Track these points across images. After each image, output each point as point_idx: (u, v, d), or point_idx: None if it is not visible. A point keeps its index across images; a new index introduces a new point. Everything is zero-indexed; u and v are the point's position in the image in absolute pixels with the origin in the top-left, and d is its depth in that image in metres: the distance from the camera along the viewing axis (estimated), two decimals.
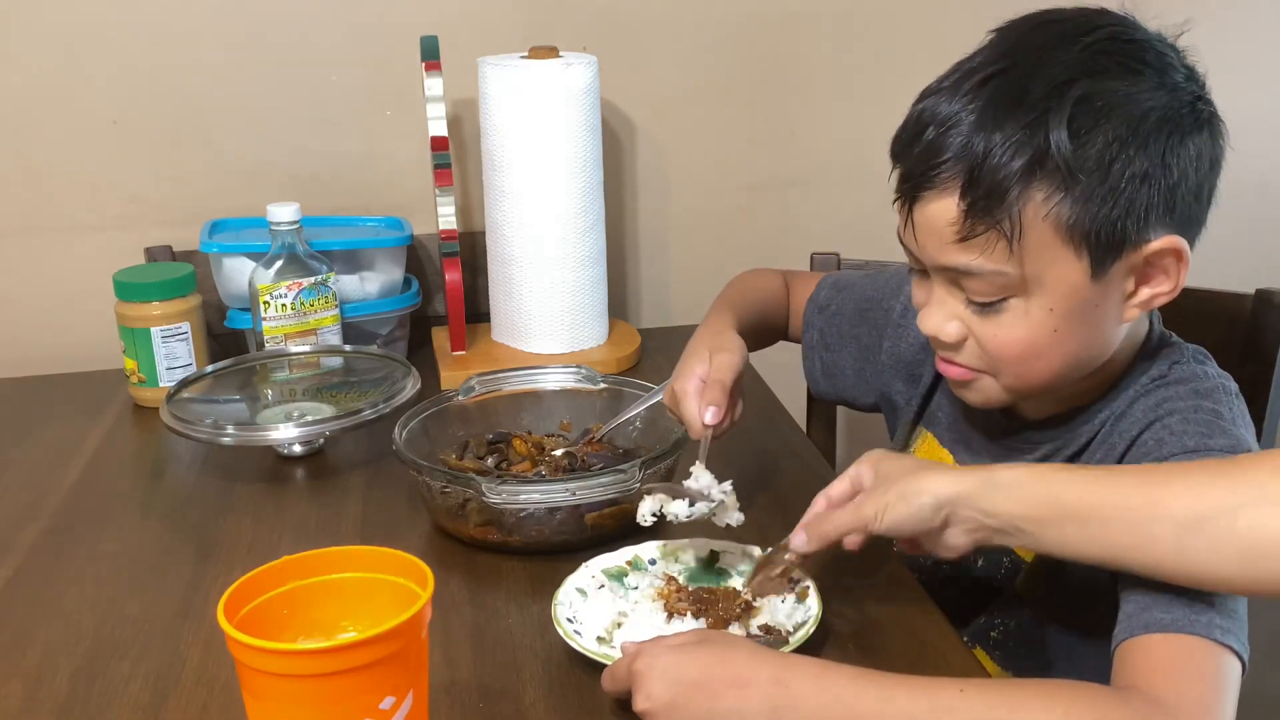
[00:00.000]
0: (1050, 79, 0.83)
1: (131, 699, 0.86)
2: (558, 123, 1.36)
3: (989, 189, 0.83)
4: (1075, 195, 0.83)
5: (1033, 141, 0.82)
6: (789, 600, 0.91)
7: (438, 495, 1.03)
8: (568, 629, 0.88)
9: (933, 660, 0.88)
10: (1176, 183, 0.85)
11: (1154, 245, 0.85)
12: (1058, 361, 0.89)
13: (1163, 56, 0.87)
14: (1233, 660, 0.74)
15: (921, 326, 0.93)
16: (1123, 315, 0.89)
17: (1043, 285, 0.86)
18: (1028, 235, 0.84)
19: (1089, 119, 0.83)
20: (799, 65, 1.61)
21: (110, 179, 1.51)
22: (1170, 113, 0.85)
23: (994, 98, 0.84)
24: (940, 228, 0.87)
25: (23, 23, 1.45)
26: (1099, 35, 0.86)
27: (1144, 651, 0.74)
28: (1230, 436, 0.86)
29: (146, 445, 1.32)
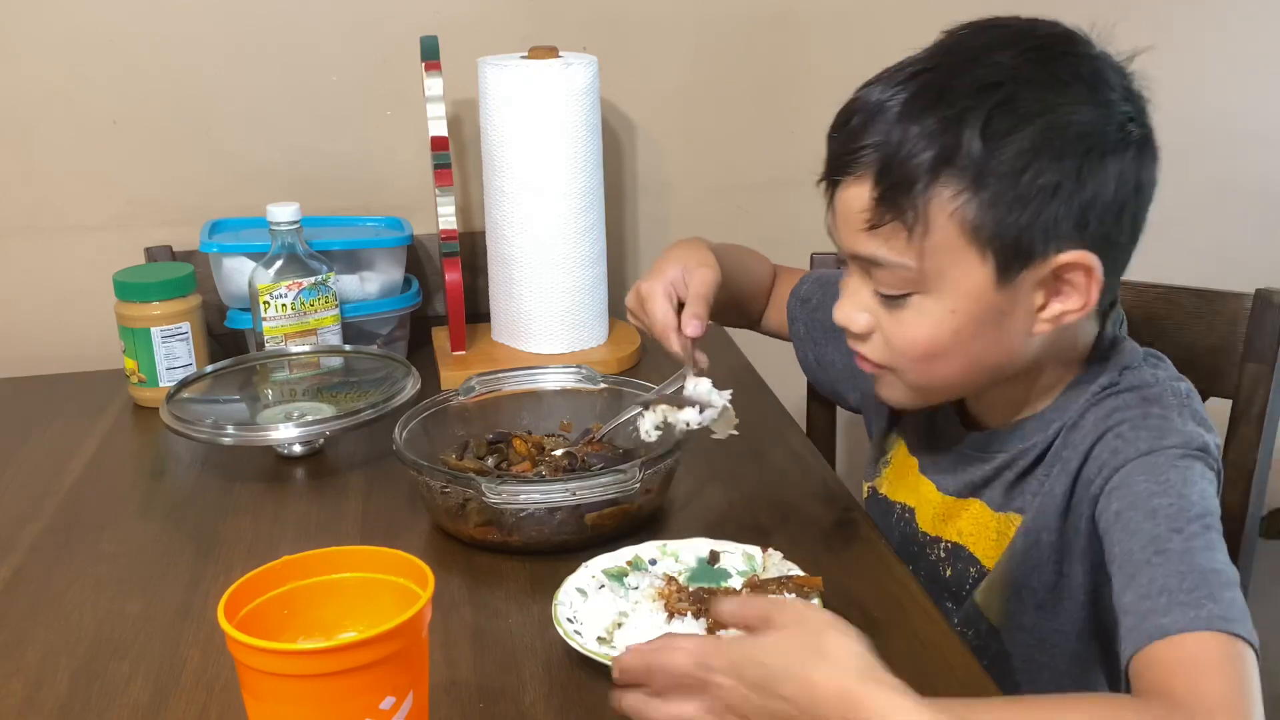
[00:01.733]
0: (976, 80, 0.84)
1: (131, 699, 0.86)
2: (558, 123, 1.36)
3: (898, 179, 0.85)
4: (983, 197, 0.84)
5: (945, 138, 0.83)
6: (790, 597, 0.91)
7: (438, 495, 1.03)
8: (568, 629, 0.88)
9: (933, 660, 0.88)
10: (1090, 199, 0.85)
11: (1062, 259, 0.85)
12: (959, 364, 0.90)
13: (1100, 74, 0.88)
14: (1243, 648, 0.74)
15: (834, 315, 0.94)
16: (1031, 329, 0.89)
17: (946, 284, 0.87)
18: (933, 231, 0.85)
19: (1006, 123, 0.83)
20: (799, 65, 1.61)
21: (110, 179, 1.51)
22: (1094, 129, 0.85)
23: (919, 91, 0.85)
24: (853, 214, 0.88)
25: (23, 23, 1.45)
26: (1036, 44, 0.87)
27: (1154, 660, 0.74)
28: (1182, 435, 0.86)
29: (146, 445, 1.32)
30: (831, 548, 0.99)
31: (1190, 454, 0.85)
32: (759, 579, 0.95)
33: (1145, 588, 0.77)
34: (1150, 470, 0.84)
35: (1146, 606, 0.76)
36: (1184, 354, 1.22)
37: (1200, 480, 0.84)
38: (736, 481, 1.15)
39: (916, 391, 0.94)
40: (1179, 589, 0.76)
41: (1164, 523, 0.80)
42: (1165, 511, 0.81)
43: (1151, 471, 0.84)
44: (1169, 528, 0.80)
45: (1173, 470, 0.84)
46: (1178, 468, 0.84)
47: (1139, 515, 0.82)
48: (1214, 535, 0.80)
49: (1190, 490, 0.82)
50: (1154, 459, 0.85)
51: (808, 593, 0.92)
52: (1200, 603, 0.75)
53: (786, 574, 0.95)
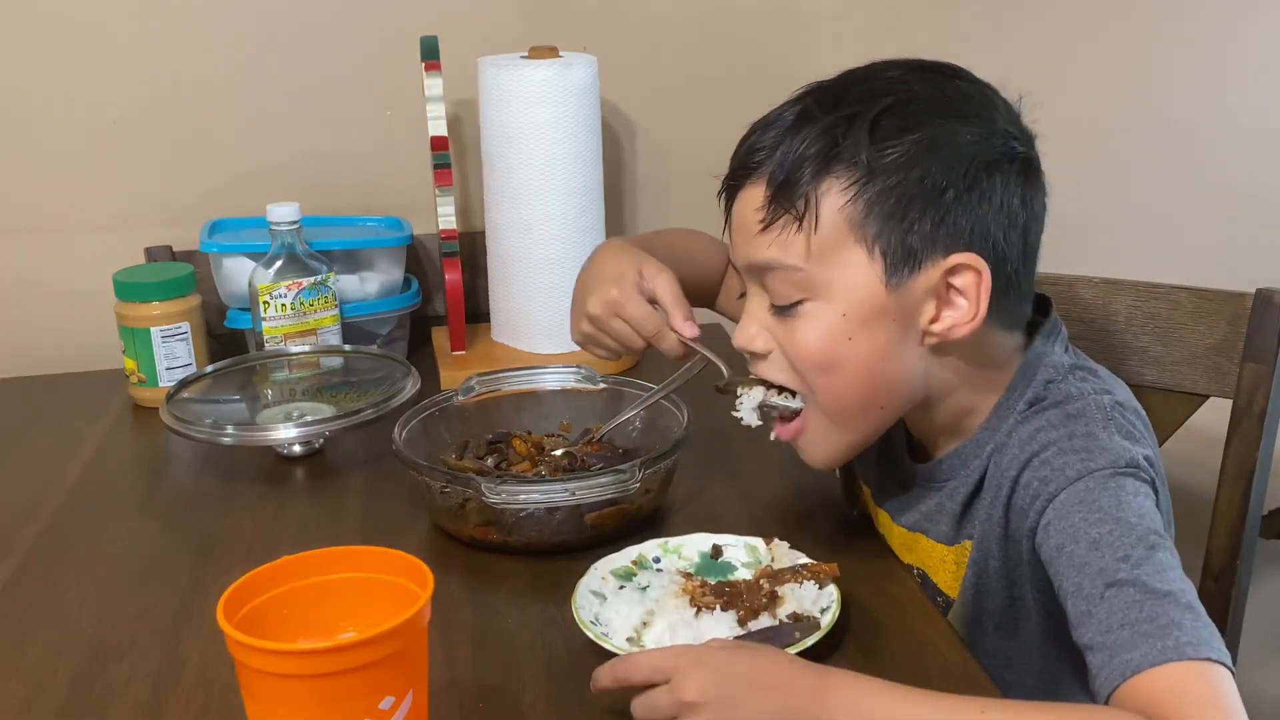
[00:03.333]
0: (867, 90, 0.87)
1: (131, 699, 0.86)
2: (557, 123, 1.36)
3: (789, 175, 0.87)
4: (870, 194, 0.85)
5: (834, 134, 0.86)
6: (809, 586, 0.91)
7: (438, 495, 1.03)
8: (596, 633, 0.88)
9: (933, 660, 0.88)
10: (977, 206, 0.86)
11: (952, 260, 0.86)
12: (858, 373, 0.89)
13: (987, 99, 0.91)
14: (1218, 670, 0.73)
15: (734, 341, 0.95)
16: (922, 340, 0.89)
17: (836, 288, 0.88)
18: (823, 227, 0.86)
19: (894, 124, 0.86)
20: (799, 65, 1.60)
21: (110, 179, 1.51)
22: (980, 142, 0.87)
23: (812, 102, 0.89)
24: (748, 218, 0.90)
25: (23, 23, 1.45)
26: (926, 67, 0.90)
27: (1132, 696, 0.73)
28: (1110, 453, 0.85)
29: (146, 445, 1.32)
30: (831, 548, 0.99)
31: (1120, 472, 0.84)
32: (772, 569, 0.95)
33: (1105, 622, 0.76)
34: (1083, 499, 0.83)
35: (1111, 641, 0.75)
36: (1184, 354, 1.22)
37: (1134, 498, 0.83)
38: (736, 481, 1.15)
39: (835, 426, 0.93)
40: (1140, 619, 0.75)
41: (1108, 552, 0.79)
42: (1107, 540, 0.80)
43: (1084, 500, 0.83)
44: (1114, 557, 0.79)
45: (1104, 494, 0.83)
46: (1109, 490, 0.83)
47: (1081, 548, 0.81)
48: (1161, 554, 0.79)
49: (1126, 512, 0.81)
50: (1083, 485, 0.84)
51: (823, 580, 0.92)
52: (1165, 631, 0.74)
53: (799, 563, 0.95)
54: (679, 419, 1.09)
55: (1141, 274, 1.28)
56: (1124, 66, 1.68)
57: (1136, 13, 1.67)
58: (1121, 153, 1.71)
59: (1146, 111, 1.70)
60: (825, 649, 0.86)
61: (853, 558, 0.97)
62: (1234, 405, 1.19)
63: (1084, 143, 1.69)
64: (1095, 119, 1.69)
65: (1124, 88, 1.68)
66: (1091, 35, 1.66)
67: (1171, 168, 1.72)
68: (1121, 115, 1.69)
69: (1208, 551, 1.22)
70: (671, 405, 1.12)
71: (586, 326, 1.05)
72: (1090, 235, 1.70)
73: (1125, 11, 1.66)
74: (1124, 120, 1.70)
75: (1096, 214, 1.71)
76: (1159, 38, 1.68)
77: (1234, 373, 1.19)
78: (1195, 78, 1.70)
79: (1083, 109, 1.68)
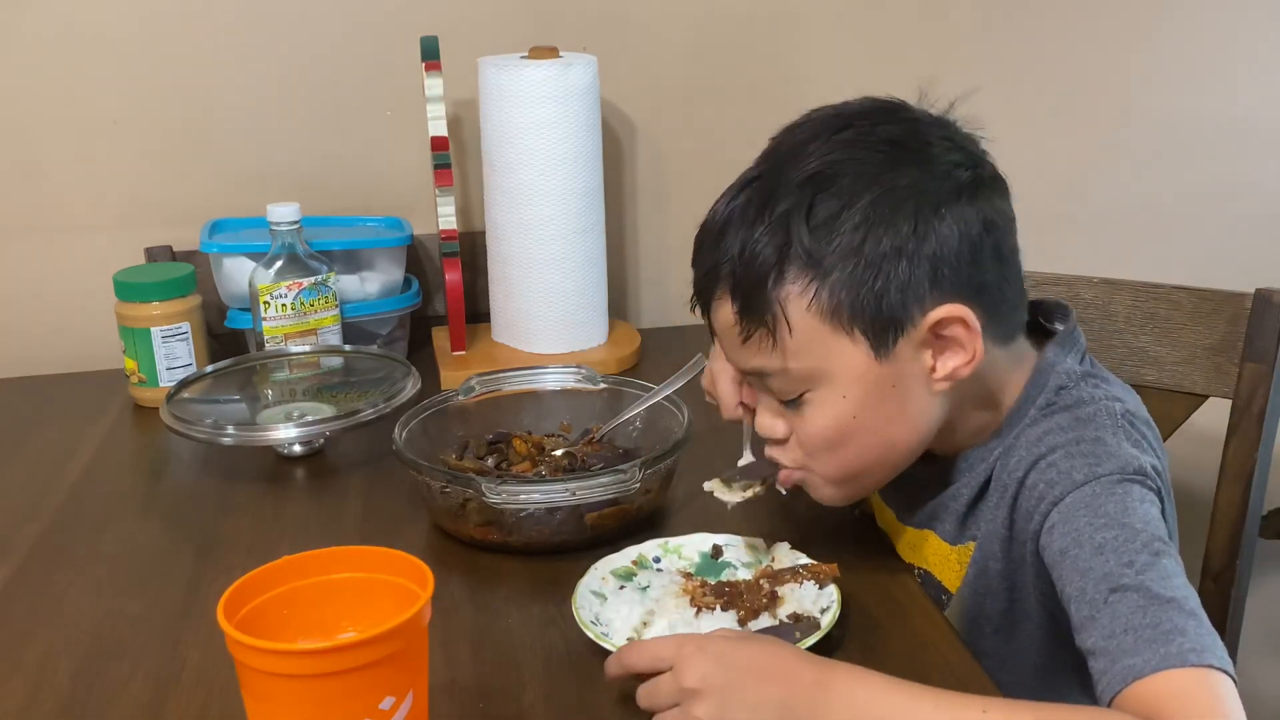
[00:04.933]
0: (796, 174, 0.86)
1: (131, 699, 0.86)
2: (557, 123, 1.36)
3: (749, 289, 0.87)
4: (831, 283, 0.85)
5: (778, 237, 0.85)
6: (809, 586, 0.92)
7: (438, 495, 1.03)
8: (597, 632, 0.88)
9: (933, 660, 0.88)
10: (938, 252, 0.85)
11: (932, 316, 0.86)
12: (870, 444, 0.90)
13: (915, 134, 0.89)
14: (1220, 677, 0.73)
15: (756, 428, 0.96)
16: (932, 389, 0.89)
17: (830, 375, 0.88)
18: (797, 330, 0.86)
19: (832, 206, 0.85)
20: (798, 65, 1.61)
21: (110, 179, 1.51)
22: (919, 186, 0.86)
23: (749, 201, 0.88)
24: (728, 333, 0.91)
25: (23, 23, 1.45)
26: (844, 125, 0.89)
27: (1134, 702, 0.73)
28: (1117, 459, 0.85)
29: (146, 445, 1.32)
30: (831, 548, 0.99)
31: (1127, 478, 0.84)
32: (773, 569, 0.95)
33: (1108, 628, 0.76)
34: (1088, 503, 0.84)
35: (1114, 647, 0.75)
36: (1184, 354, 1.23)
37: (1140, 504, 0.83)
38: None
39: (838, 485, 0.94)
40: (1143, 625, 0.75)
41: (1113, 558, 0.79)
42: (1112, 545, 0.80)
43: (1090, 505, 0.83)
44: (1119, 562, 0.79)
45: (1110, 500, 0.83)
46: (1115, 495, 0.83)
47: (1086, 552, 0.81)
48: (1165, 560, 0.79)
49: (1131, 518, 0.82)
50: (1090, 490, 0.84)
51: (823, 580, 0.92)
52: (1168, 637, 0.74)
53: (799, 563, 0.95)
54: (679, 419, 1.09)
55: (1141, 274, 1.28)
56: (1124, 66, 1.68)
57: (1136, 12, 1.67)
58: (1121, 153, 1.71)
59: (1147, 111, 1.70)
60: (825, 649, 0.86)
61: (853, 558, 0.97)
62: (1234, 405, 1.19)
63: (1084, 143, 1.69)
64: (1095, 119, 1.69)
65: (1124, 88, 1.68)
66: (1091, 35, 1.66)
67: (1171, 168, 1.72)
68: (1121, 115, 1.69)
69: (1208, 551, 1.22)
70: (671, 405, 1.12)
71: (705, 382, 1.07)
72: (1090, 235, 1.70)
73: (1125, 11, 1.66)
74: (1124, 120, 1.70)
75: (1096, 214, 1.71)
76: (1159, 37, 1.68)
77: (1234, 373, 1.19)
78: (1195, 77, 1.70)
79: (1082, 109, 1.68)
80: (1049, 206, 1.68)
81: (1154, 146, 1.71)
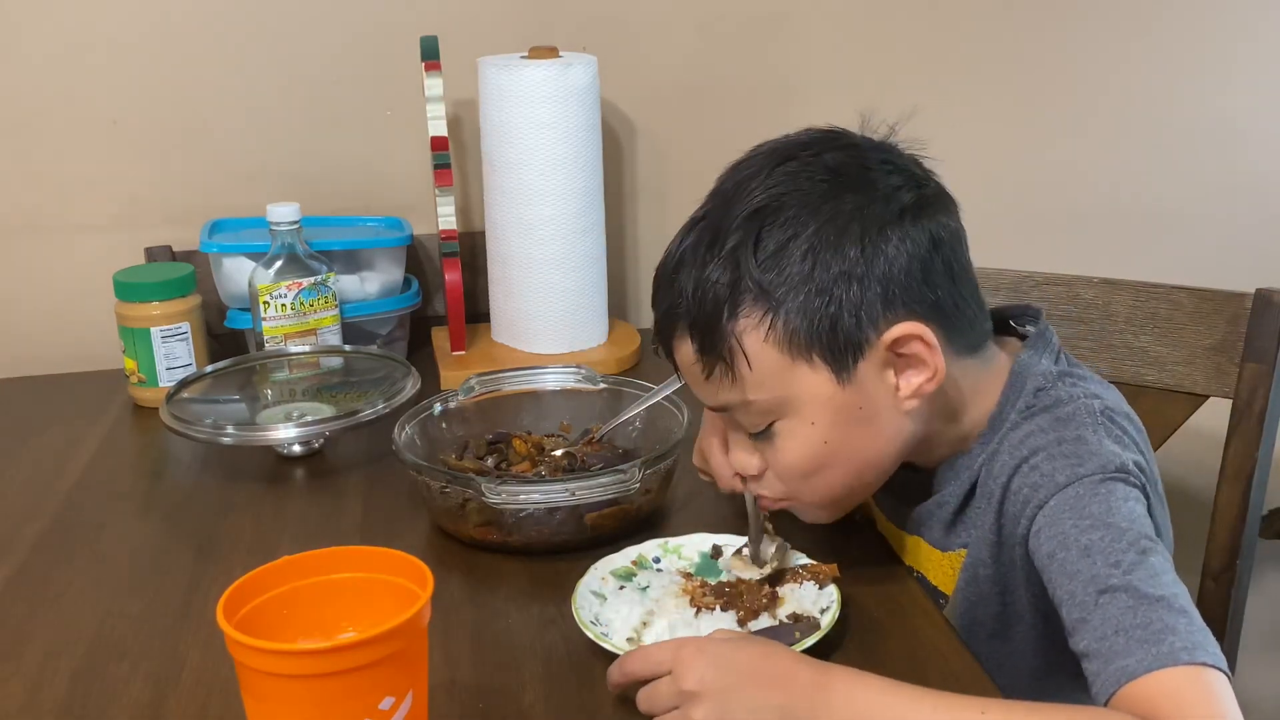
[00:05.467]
0: (741, 210, 0.87)
1: (131, 699, 0.86)
2: (557, 123, 1.36)
3: (704, 327, 0.87)
4: (784, 312, 0.86)
5: (728, 273, 0.86)
6: (809, 586, 0.92)
7: (438, 495, 1.03)
8: (596, 633, 0.88)
9: (933, 660, 0.88)
10: (887, 273, 0.86)
11: (889, 336, 0.86)
12: (845, 469, 0.91)
13: (854, 161, 0.90)
14: (1213, 674, 0.73)
15: (730, 465, 0.96)
16: (900, 408, 0.89)
17: (795, 403, 0.88)
18: (757, 362, 0.87)
19: (779, 237, 0.86)
20: (798, 65, 1.61)
21: (110, 179, 1.51)
22: (861, 211, 0.86)
23: (699, 240, 0.89)
24: (690, 370, 0.91)
25: (23, 23, 1.45)
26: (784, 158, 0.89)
27: (1129, 702, 0.73)
28: (1100, 457, 0.86)
29: (146, 445, 1.32)
30: (831, 548, 0.99)
31: (1110, 477, 0.84)
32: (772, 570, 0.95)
33: (1099, 629, 0.76)
34: (1073, 505, 0.84)
35: (1106, 649, 0.75)
36: (1184, 354, 1.23)
37: (1124, 503, 0.83)
38: None
39: (824, 508, 0.95)
40: (1134, 625, 0.75)
41: (1100, 559, 0.80)
42: (1098, 547, 0.80)
43: (1074, 506, 0.84)
44: (1106, 563, 0.79)
45: (1094, 500, 0.83)
46: (1099, 495, 0.83)
47: (1073, 555, 0.81)
48: (1153, 558, 0.79)
49: (1116, 517, 0.82)
50: (1073, 491, 0.84)
51: (823, 580, 0.92)
52: (1159, 636, 0.74)
53: (799, 563, 0.95)
54: (679, 419, 1.09)
55: (1141, 274, 1.28)
56: (1124, 67, 1.68)
57: (1135, 13, 1.66)
58: (1122, 152, 1.71)
59: (1147, 111, 1.70)
60: (825, 649, 0.86)
61: (853, 558, 0.97)
62: (1234, 405, 1.19)
63: (1084, 143, 1.69)
64: (1095, 119, 1.69)
65: (1124, 88, 1.68)
66: (1091, 36, 1.66)
67: (1171, 168, 1.72)
68: (1121, 115, 1.69)
69: (1208, 551, 1.22)
70: (671, 405, 1.12)
71: (696, 460, 1.07)
72: (1090, 235, 1.70)
73: (1124, 12, 1.66)
74: (1124, 120, 1.70)
75: (1096, 214, 1.71)
76: (1159, 37, 1.68)
77: (1234, 373, 1.19)
78: (1195, 78, 1.70)
79: (1082, 109, 1.68)
80: (1049, 206, 1.68)
81: (1154, 146, 1.71)
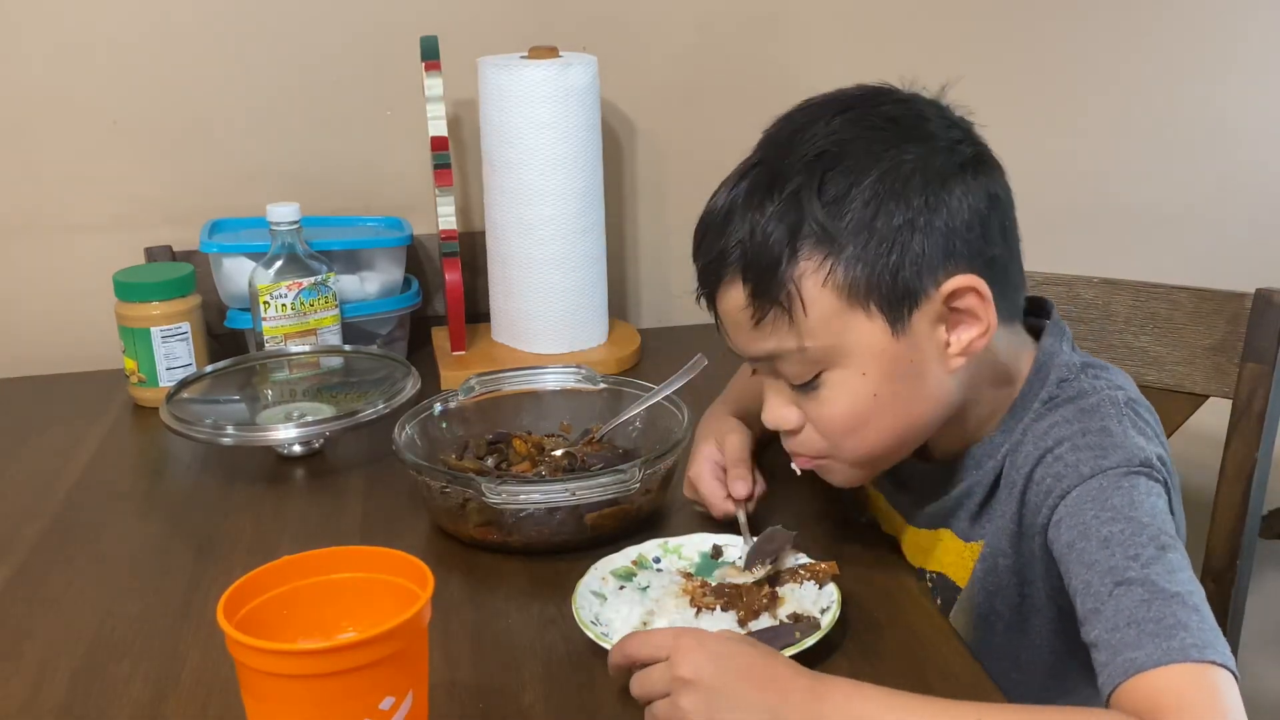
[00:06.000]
0: (801, 155, 0.87)
1: (131, 699, 0.86)
2: (557, 123, 1.36)
3: (762, 269, 0.86)
4: (846, 258, 0.85)
5: (790, 216, 0.85)
6: (809, 586, 0.92)
7: (438, 495, 1.03)
8: (596, 633, 0.88)
9: (932, 661, 0.88)
10: (949, 224, 0.86)
11: (946, 287, 0.86)
12: (891, 423, 0.90)
13: (915, 112, 0.90)
14: (1221, 674, 0.73)
15: (765, 421, 0.95)
16: (947, 366, 0.89)
17: (847, 353, 0.87)
18: (814, 307, 0.86)
19: (842, 183, 0.85)
20: (798, 65, 1.61)
21: (110, 179, 1.51)
22: (925, 161, 0.86)
23: (754, 184, 0.88)
24: (737, 318, 0.90)
25: (23, 23, 1.45)
26: (845, 107, 0.90)
27: (1134, 695, 0.73)
28: (1124, 450, 0.86)
29: (146, 445, 1.32)
30: (831, 548, 0.99)
31: (1134, 470, 0.84)
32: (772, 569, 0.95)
33: (1112, 620, 0.76)
34: (1095, 497, 0.84)
35: (1117, 640, 0.75)
36: (1184, 354, 1.23)
37: (1147, 497, 0.83)
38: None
39: (861, 466, 0.94)
40: (1146, 619, 0.75)
41: (1119, 551, 0.80)
42: (1118, 539, 0.80)
43: (1097, 498, 0.84)
44: (1125, 555, 0.79)
45: (1117, 493, 0.83)
46: (1122, 489, 0.83)
47: (1093, 546, 0.81)
48: (1172, 555, 0.79)
49: (1138, 512, 0.82)
50: (1097, 483, 0.84)
51: (823, 580, 0.92)
52: (1171, 632, 0.74)
53: (798, 562, 0.95)
54: (679, 419, 1.09)
55: (1141, 274, 1.28)
56: (1124, 67, 1.68)
57: (1136, 12, 1.67)
58: (1122, 153, 1.71)
59: (1147, 111, 1.70)
60: (825, 649, 0.86)
61: (853, 558, 0.97)
62: (1234, 405, 1.19)
63: (1084, 143, 1.69)
64: (1095, 119, 1.69)
65: (1124, 88, 1.68)
66: (1091, 36, 1.66)
67: (1172, 167, 1.72)
68: (1122, 115, 1.69)
69: (1208, 551, 1.22)
70: (671, 405, 1.12)
71: (687, 491, 1.08)
72: (1091, 235, 1.70)
73: (1125, 11, 1.66)
74: (1124, 120, 1.70)
75: (1097, 214, 1.71)
76: (1159, 37, 1.68)
77: (1234, 373, 1.19)
78: (1195, 78, 1.70)
79: (1082, 109, 1.68)
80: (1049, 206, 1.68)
81: (1154, 146, 1.71)
